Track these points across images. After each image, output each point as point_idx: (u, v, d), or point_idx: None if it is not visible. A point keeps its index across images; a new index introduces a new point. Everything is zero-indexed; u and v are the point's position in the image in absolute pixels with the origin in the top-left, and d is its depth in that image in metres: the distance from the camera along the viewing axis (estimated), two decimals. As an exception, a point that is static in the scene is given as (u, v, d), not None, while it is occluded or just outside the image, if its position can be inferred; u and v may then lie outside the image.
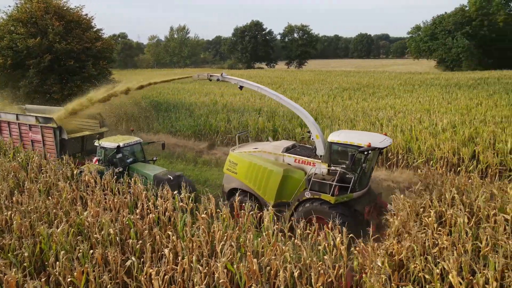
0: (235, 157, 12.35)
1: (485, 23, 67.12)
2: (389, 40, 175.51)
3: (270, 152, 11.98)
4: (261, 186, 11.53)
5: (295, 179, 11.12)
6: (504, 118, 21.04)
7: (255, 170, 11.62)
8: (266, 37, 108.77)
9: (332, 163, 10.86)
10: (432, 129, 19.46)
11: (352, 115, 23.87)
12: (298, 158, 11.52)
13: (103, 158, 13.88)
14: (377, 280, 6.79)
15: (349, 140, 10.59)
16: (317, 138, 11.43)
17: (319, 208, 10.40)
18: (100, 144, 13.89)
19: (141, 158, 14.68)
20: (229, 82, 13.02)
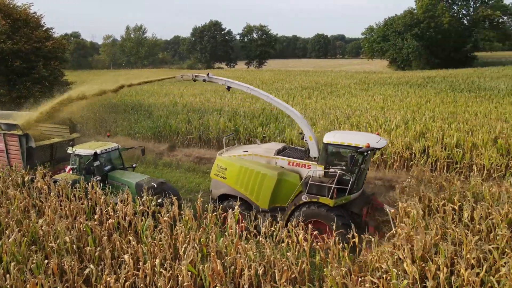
0: (224, 161, 11.71)
1: (432, 25, 71.23)
2: (345, 41, 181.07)
3: (261, 155, 11.46)
4: (253, 191, 10.97)
5: (290, 183, 10.75)
6: (450, 114, 22.47)
7: (247, 174, 11.03)
8: (225, 37, 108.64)
9: (328, 164, 10.61)
10: (387, 126, 20.37)
11: (311, 114, 24.42)
12: (292, 161, 11.09)
13: (78, 166, 12.92)
14: (338, 273, 7.03)
15: (347, 141, 10.33)
16: (311, 140, 11.07)
17: (318, 212, 10.10)
18: (74, 151, 12.85)
19: (119, 165, 13.76)
20: (216, 82, 12.38)
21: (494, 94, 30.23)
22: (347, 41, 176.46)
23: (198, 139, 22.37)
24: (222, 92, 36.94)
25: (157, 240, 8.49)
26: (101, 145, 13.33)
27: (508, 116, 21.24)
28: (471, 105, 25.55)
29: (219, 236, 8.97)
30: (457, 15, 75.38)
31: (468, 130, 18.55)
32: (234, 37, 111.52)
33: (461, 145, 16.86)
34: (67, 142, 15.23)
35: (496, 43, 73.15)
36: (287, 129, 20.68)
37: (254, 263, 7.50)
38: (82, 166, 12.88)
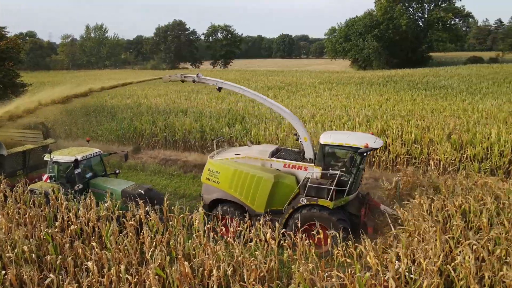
0: (216, 165, 11.24)
1: (391, 26, 74.14)
2: (309, 41, 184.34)
3: (256, 158, 11.05)
4: (249, 195, 10.63)
5: (287, 185, 10.51)
6: (409, 112, 23.50)
7: (242, 178, 10.66)
8: (189, 37, 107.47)
9: (325, 166, 10.42)
10: (350, 124, 20.97)
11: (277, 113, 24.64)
12: (288, 163, 10.81)
13: (57, 174, 12.03)
14: (305, 269, 7.19)
15: (345, 141, 10.21)
16: (305, 141, 10.88)
17: (318, 214, 9.89)
18: (52, 158, 11.93)
19: (101, 172, 12.97)
20: (206, 83, 11.99)
21: (447, 92, 31.94)
22: (311, 42, 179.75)
23: (163, 141, 22.02)
24: (187, 92, 36.56)
25: (122, 245, 8.29)
26: (81, 151, 12.45)
27: (461, 113, 22.52)
28: (428, 103, 26.85)
29: (187, 238, 8.90)
30: (413, 17, 78.88)
31: (425, 126, 19.47)
32: (198, 37, 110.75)
33: (419, 141, 17.68)
34: (41, 149, 14.41)
35: (449, 44, 77.20)
36: (253, 129, 20.82)
37: (223, 264, 7.51)
38: (61, 174, 11.96)
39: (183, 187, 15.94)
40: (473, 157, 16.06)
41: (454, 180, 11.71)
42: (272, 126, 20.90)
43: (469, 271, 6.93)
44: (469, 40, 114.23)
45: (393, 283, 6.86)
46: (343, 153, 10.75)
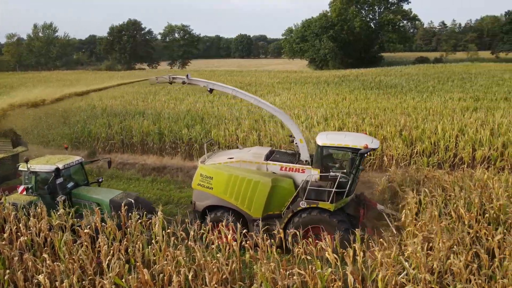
0: (209, 170, 10.73)
1: (345, 27, 76.74)
2: (267, 41, 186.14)
3: (251, 161, 10.69)
4: (245, 200, 10.25)
5: (284, 189, 10.23)
6: (363, 110, 24.42)
7: (237, 183, 10.25)
8: (145, 37, 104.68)
9: (324, 168, 10.22)
10: (308, 123, 21.43)
11: (237, 113, 24.72)
12: (285, 166, 10.49)
13: (35, 185, 11.04)
14: (267, 269, 7.26)
15: (344, 142, 10.02)
16: (301, 143, 10.63)
17: (320, 218, 9.69)
18: (28, 168, 10.87)
19: (83, 181, 12.06)
20: (197, 85, 11.53)
21: (398, 91, 33.56)
22: (269, 42, 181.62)
23: (120, 144, 21.31)
24: (144, 94, 35.63)
25: (76, 256, 7.92)
26: (61, 159, 11.49)
27: (410, 111, 23.74)
28: (380, 102, 28.06)
29: (146, 244, 8.68)
30: (365, 19, 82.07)
31: (379, 124, 20.34)
32: (155, 37, 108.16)
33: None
34: (11, 158, 13.31)
35: (398, 45, 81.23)
36: (213, 129, 20.70)
37: (184, 268, 7.40)
38: (40, 185, 11.03)
39: (142, 191, 15.52)
40: (422, 152, 16.97)
41: (405, 173, 12.36)
42: (232, 127, 20.91)
43: (420, 261, 7.33)
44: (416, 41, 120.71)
45: (351, 277, 7.11)
46: (340, 155, 10.71)
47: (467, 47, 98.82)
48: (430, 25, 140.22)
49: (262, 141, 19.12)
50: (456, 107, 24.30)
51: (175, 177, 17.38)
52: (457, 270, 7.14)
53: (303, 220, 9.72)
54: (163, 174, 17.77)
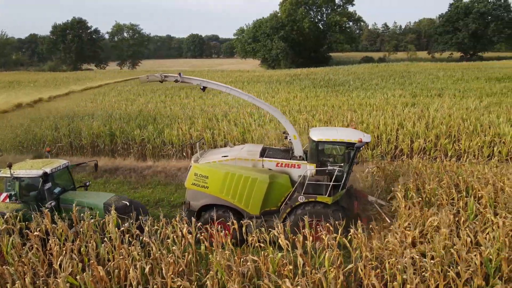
0: (204, 169, 10.56)
1: (295, 28, 78.80)
2: (219, 41, 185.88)
3: (246, 159, 10.64)
4: (242, 198, 10.24)
5: (281, 185, 10.32)
6: (313, 108, 25.48)
7: (234, 180, 10.20)
8: (92, 36, 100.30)
9: (320, 163, 10.36)
10: (261, 121, 22.01)
11: (190, 113, 24.75)
12: (281, 162, 10.55)
13: (18, 192, 10.37)
14: (222, 256, 7.60)
15: (339, 137, 10.22)
16: (295, 139, 10.77)
17: (318, 211, 9.91)
18: (11, 173, 10.14)
19: (69, 186, 11.46)
20: (190, 83, 11.30)
21: (345, 88, 35.30)
22: (221, 42, 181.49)
23: (69, 147, 20.56)
24: (93, 95, 34.36)
25: (26, 258, 7.75)
26: (47, 163, 10.79)
27: (356, 107, 25.16)
28: (329, 99, 29.39)
29: (100, 243, 8.66)
30: (314, 20, 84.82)
31: (327, 120, 21.37)
32: (102, 36, 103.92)
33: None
34: None
35: (345, 45, 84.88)
36: (166, 129, 20.61)
37: (140, 262, 7.53)
38: (24, 192, 10.43)
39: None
40: (366, 145, 18.13)
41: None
42: (185, 126, 20.94)
43: (361, 241, 8.05)
44: (362, 42, 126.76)
45: (300, 259, 7.65)
46: (333, 149, 11.01)
47: (407, 47, 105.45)
48: (374, 26, 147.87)
49: (216, 139, 19.39)
50: (397, 103, 26.11)
51: (128, 178, 17.14)
52: (393, 246, 7.94)
53: (303, 213, 9.78)
54: (115, 175, 17.44)
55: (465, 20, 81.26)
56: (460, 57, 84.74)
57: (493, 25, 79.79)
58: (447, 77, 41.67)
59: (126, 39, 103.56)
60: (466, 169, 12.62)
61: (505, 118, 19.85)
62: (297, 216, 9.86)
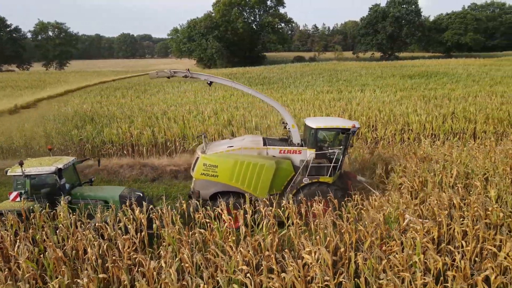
0: (213, 159, 11.28)
1: (229, 28, 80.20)
2: (152, 41, 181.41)
3: (252, 148, 11.59)
4: (251, 184, 11.10)
5: (285, 170, 11.34)
6: (250, 104, 27.01)
7: (243, 168, 11.06)
8: (12, 34, 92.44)
9: (318, 148, 11.54)
10: (200, 117, 22.97)
11: (129, 112, 24.89)
12: (284, 149, 11.64)
13: (29, 190, 10.33)
14: (172, 230, 8.61)
15: (335, 124, 11.70)
16: (293, 128, 11.87)
17: (322, 190, 11.03)
18: (23, 171, 10.13)
19: (76, 181, 11.62)
20: (198, 78, 12.01)
21: (279, 86, 37.50)
22: (155, 41, 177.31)
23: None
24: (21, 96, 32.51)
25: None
26: (56, 160, 10.89)
27: (289, 103, 27.19)
28: (264, 96, 31.13)
29: (52, 231, 9.14)
30: (248, 20, 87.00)
31: (263, 115, 22.98)
32: (24, 35, 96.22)
33: (259, 127, 20.85)
34: None
35: (278, 45, 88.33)
36: (105, 129, 20.70)
37: (96, 241, 8.26)
38: (36, 189, 10.36)
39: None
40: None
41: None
42: (125, 125, 21.19)
43: (292, 210, 9.57)
44: (294, 42, 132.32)
45: (243, 228, 8.93)
46: (327, 135, 12.12)
47: (335, 47, 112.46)
48: (305, 27, 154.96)
49: (156, 137, 19.97)
50: (325, 98, 28.65)
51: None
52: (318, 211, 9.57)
53: (308, 193, 11.07)
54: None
55: (383, 23, 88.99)
56: (380, 57, 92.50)
57: (406, 28, 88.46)
58: (369, 74, 45.89)
59: (52, 38, 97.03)
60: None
61: (413, 109, 23.06)
62: (305, 195, 11.01)
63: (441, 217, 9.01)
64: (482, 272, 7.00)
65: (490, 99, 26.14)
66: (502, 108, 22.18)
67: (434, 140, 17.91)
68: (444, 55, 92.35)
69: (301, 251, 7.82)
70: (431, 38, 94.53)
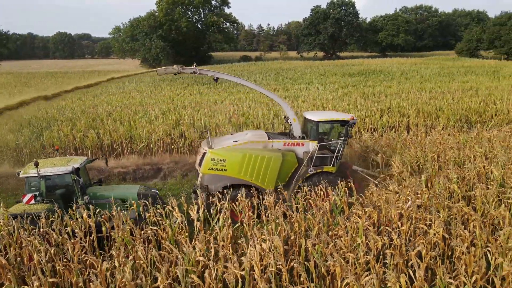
0: (221, 153, 11.55)
1: (173, 27, 78.76)
2: (92, 40, 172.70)
3: (258, 141, 12.01)
4: (259, 176, 11.51)
5: (289, 161, 11.85)
6: (197, 104, 26.99)
7: (251, 161, 11.44)
8: None
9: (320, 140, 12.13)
10: (147, 118, 22.54)
11: (70, 114, 23.74)
12: (288, 141, 12.15)
13: (44, 191, 10.01)
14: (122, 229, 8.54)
15: (335, 117, 12.45)
16: (294, 121, 12.46)
17: (323, 178, 11.62)
18: (38, 172, 9.82)
19: (87, 181, 11.57)
20: (205, 74, 12.43)
21: (226, 85, 37.69)
22: (95, 41, 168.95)
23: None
24: None
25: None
26: (68, 160, 10.69)
27: (237, 101, 27.55)
28: (212, 95, 31.30)
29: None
30: (192, 20, 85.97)
31: (211, 114, 23.11)
32: None
33: (208, 126, 20.94)
34: None
35: (224, 45, 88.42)
36: (45, 132, 19.62)
37: (43, 247, 7.96)
38: (51, 191, 10.15)
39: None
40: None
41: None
42: (67, 128, 20.23)
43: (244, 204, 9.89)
44: (240, 42, 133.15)
45: (197, 223, 9.08)
46: (328, 128, 12.78)
47: (280, 47, 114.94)
48: (250, 27, 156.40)
49: (102, 139, 19.31)
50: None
51: (5, 185, 16.04)
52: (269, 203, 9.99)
53: (313, 182, 11.64)
54: (-10, 183, 16.12)
55: (324, 24, 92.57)
56: (323, 56, 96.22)
57: (346, 29, 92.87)
58: (313, 73, 47.69)
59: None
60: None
61: (353, 105, 24.49)
62: (311, 184, 11.59)
63: (380, 202, 9.87)
64: (415, 248, 7.81)
65: (420, 94, 28.51)
66: (430, 103, 24.34)
67: (373, 133, 19.25)
68: (380, 55, 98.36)
69: (255, 241, 8.16)
70: (368, 38, 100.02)
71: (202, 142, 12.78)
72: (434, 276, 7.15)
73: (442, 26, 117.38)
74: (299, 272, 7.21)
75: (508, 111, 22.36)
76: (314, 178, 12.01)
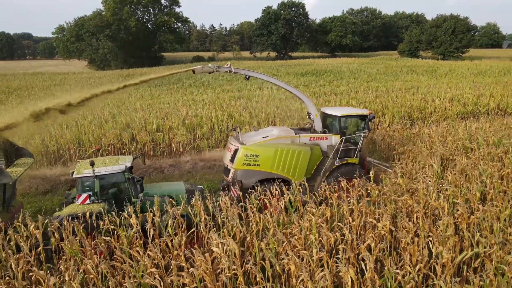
0: (254, 149, 12.01)
1: (122, 27, 75.95)
2: (34, 40, 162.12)
3: (286, 136, 12.56)
4: (290, 169, 12.02)
5: (316, 155, 12.55)
6: (149, 106, 26.31)
7: (283, 155, 11.95)
8: None
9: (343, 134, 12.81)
10: (96, 122, 21.62)
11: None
12: (313, 136, 12.83)
13: (99, 191, 10.00)
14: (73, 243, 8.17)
15: (355, 112, 13.16)
16: (316, 117, 13.06)
17: (351, 169, 12.45)
18: (94, 171, 9.83)
19: None
20: (239, 73, 12.73)
21: (179, 86, 37.16)
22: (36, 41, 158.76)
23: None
24: None
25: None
26: (116, 159, 10.83)
27: (191, 103, 27.22)
28: (164, 97, 30.66)
29: None
30: (142, 19, 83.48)
31: (164, 116, 22.66)
32: None
33: (161, 129, 20.51)
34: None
35: (176, 45, 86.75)
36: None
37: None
38: (104, 190, 10.13)
39: None
40: (202, 135, 20.19)
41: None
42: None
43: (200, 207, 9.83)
44: (193, 42, 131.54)
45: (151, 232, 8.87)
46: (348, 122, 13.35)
47: (233, 47, 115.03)
48: (202, 27, 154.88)
49: (47, 145, 18.28)
50: (226, 97, 29.38)
51: None
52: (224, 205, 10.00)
53: (340, 173, 12.36)
54: None
55: (275, 25, 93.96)
56: (275, 56, 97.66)
57: (296, 30, 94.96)
58: (266, 73, 48.09)
59: None
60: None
61: (306, 104, 25.11)
62: (335, 177, 12.36)
63: (332, 200, 10.27)
64: (365, 241, 8.23)
65: (367, 93, 29.90)
66: (376, 101, 25.62)
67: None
68: (330, 55, 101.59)
69: (211, 245, 8.14)
70: (318, 39, 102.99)
71: (230, 139, 13.21)
72: (383, 267, 7.58)
73: (385, 27, 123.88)
74: (254, 273, 7.31)
75: (445, 108, 24.14)
76: (340, 169, 12.75)
